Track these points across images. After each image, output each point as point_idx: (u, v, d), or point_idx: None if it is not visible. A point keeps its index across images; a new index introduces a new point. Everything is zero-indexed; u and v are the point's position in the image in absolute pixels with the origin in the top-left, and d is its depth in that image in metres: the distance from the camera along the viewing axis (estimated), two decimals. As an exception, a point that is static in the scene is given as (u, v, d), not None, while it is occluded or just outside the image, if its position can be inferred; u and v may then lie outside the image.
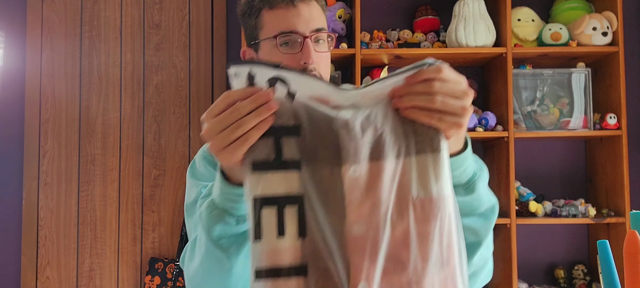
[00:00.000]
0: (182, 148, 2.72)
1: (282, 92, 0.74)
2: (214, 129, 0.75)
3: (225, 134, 0.74)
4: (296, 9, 1.05)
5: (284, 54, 1.05)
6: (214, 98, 2.72)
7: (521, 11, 2.55)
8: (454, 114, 0.74)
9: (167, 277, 2.54)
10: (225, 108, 0.75)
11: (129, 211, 2.69)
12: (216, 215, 0.88)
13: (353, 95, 0.75)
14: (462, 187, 0.89)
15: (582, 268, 2.58)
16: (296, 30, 1.04)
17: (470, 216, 0.92)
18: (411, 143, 0.75)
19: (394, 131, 0.75)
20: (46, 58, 2.73)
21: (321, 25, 1.07)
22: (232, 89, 0.75)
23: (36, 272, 2.66)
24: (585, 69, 2.54)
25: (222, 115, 0.75)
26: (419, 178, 0.74)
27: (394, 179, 0.74)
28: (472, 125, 2.43)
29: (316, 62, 1.05)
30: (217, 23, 2.75)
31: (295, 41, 1.05)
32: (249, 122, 0.73)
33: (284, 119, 0.75)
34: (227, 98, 0.75)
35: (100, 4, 2.76)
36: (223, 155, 0.76)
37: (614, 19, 2.43)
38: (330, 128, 0.75)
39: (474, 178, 0.90)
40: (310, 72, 0.79)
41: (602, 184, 2.58)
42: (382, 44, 2.52)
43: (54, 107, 2.71)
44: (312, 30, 1.05)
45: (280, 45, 1.05)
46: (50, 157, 2.70)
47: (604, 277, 0.75)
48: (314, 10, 1.07)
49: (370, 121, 0.75)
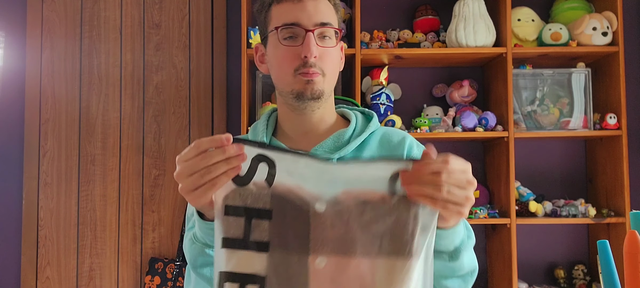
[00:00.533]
0: (182, 148, 2.71)
1: (261, 176, 0.78)
2: (184, 172, 0.80)
3: (194, 178, 0.79)
4: (301, 3, 1.04)
5: (285, 46, 1.04)
6: (214, 98, 2.72)
7: (521, 11, 2.55)
8: (457, 204, 0.79)
9: (167, 277, 2.54)
10: (195, 155, 0.80)
11: (129, 211, 2.69)
12: (197, 248, 0.96)
13: (334, 190, 0.78)
14: (448, 254, 0.93)
15: (582, 268, 2.58)
16: (299, 22, 1.03)
17: (450, 278, 0.96)
18: (384, 244, 0.77)
19: (367, 230, 0.77)
20: (46, 58, 2.73)
21: (327, 20, 1.05)
22: None
23: (36, 271, 2.66)
24: (585, 69, 2.54)
25: (192, 161, 0.79)
26: (385, 281, 0.76)
27: (360, 277, 0.76)
28: (472, 126, 2.43)
29: (319, 57, 1.04)
30: (217, 23, 2.75)
31: (297, 34, 1.04)
32: (217, 169, 0.78)
33: (259, 202, 0.79)
34: (198, 145, 0.80)
35: (100, 4, 2.76)
36: (191, 198, 0.81)
37: (614, 19, 2.43)
38: (303, 217, 0.78)
39: (461, 246, 0.94)
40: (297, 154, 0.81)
41: (602, 184, 2.59)
42: (382, 44, 2.52)
43: (54, 107, 2.71)
44: (317, 24, 1.04)
45: (283, 38, 1.04)
46: (50, 157, 2.70)
47: (604, 277, 0.75)
48: (322, 5, 1.06)
49: (344, 218, 0.77)
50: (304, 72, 1.03)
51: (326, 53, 1.05)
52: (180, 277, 2.53)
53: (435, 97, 2.73)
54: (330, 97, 1.11)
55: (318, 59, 1.04)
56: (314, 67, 1.03)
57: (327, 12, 1.06)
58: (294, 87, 1.05)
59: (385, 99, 2.51)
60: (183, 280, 2.53)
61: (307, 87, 1.04)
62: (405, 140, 1.11)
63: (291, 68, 1.04)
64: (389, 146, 1.10)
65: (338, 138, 1.09)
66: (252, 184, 0.79)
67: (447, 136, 2.44)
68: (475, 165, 2.69)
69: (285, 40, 1.04)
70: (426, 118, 2.52)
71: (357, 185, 0.78)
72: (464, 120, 2.44)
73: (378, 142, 1.11)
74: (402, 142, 1.10)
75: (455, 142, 2.68)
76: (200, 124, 2.72)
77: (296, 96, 1.06)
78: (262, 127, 1.14)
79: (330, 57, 1.06)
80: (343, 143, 1.08)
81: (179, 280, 2.53)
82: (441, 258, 0.92)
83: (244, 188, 0.79)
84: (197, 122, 2.72)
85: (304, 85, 1.04)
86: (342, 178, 0.78)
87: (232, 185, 0.80)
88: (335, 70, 1.09)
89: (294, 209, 0.78)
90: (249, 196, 0.79)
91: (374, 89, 2.55)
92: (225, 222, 0.79)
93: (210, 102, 2.72)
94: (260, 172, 0.79)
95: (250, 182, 0.79)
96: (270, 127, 1.14)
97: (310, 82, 1.04)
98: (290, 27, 1.04)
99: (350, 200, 0.78)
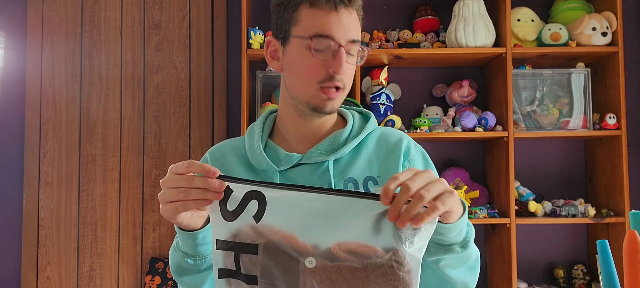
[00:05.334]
0: (182, 148, 2.72)
1: (251, 212, 0.81)
2: (167, 183, 0.86)
3: (173, 192, 0.85)
4: (338, 15, 1.00)
5: (316, 57, 1.00)
6: (214, 98, 2.72)
7: (521, 11, 2.55)
8: (443, 195, 0.78)
9: (168, 277, 2.55)
10: (184, 172, 0.85)
11: (129, 211, 2.69)
12: (179, 256, 1.00)
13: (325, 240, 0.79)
14: (459, 244, 0.93)
15: (582, 268, 2.59)
16: (333, 36, 1.00)
17: (461, 268, 0.96)
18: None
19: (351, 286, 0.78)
20: (47, 58, 2.74)
21: (357, 37, 1.03)
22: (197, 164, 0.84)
23: (36, 271, 2.66)
24: (584, 69, 2.55)
25: (178, 177, 0.85)
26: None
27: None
28: (472, 126, 2.43)
29: (344, 73, 1.01)
30: (217, 23, 2.75)
31: (329, 47, 1.00)
32: (192, 194, 0.83)
33: (247, 239, 0.82)
34: (189, 164, 0.85)
35: (101, 4, 2.76)
36: (163, 209, 0.87)
37: (614, 19, 2.43)
38: (293, 269, 0.79)
39: (468, 235, 0.94)
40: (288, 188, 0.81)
41: (601, 184, 2.59)
42: (382, 44, 2.52)
43: (55, 107, 2.72)
44: (349, 41, 1.01)
45: (315, 49, 1.00)
46: (50, 157, 2.70)
47: (603, 276, 0.76)
48: (353, 20, 1.03)
49: (333, 277, 0.78)
50: (326, 88, 1.01)
51: (349, 69, 1.03)
52: (181, 277, 2.53)
53: (435, 97, 2.73)
54: None
55: (343, 74, 1.02)
56: (339, 82, 1.01)
57: (357, 28, 1.04)
58: (313, 101, 1.03)
59: (385, 99, 2.51)
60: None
61: (327, 104, 1.02)
62: (403, 140, 1.10)
63: (315, 80, 1.01)
64: (386, 147, 1.09)
65: (334, 139, 1.08)
66: (240, 219, 0.82)
67: (447, 136, 2.44)
68: (475, 165, 2.69)
69: (316, 52, 1.00)
70: (426, 118, 2.53)
71: (349, 230, 0.78)
72: (464, 120, 2.44)
73: (375, 142, 1.10)
74: (399, 143, 1.09)
75: (455, 142, 2.68)
76: (201, 124, 2.72)
77: (313, 108, 1.04)
78: (258, 130, 1.12)
79: (350, 72, 1.04)
80: (339, 144, 1.07)
81: (179, 280, 2.53)
82: (453, 251, 0.91)
83: (233, 223, 0.82)
84: (198, 122, 2.72)
85: (324, 101, 1.02)
86: (333, 217, 0.78)
87: (222, 220, 0.83)
88: (350, 86, 1.08)
89: (284, 259, 0.80)
90: (239, 233, 0.82)
91: (374, 89, 2.55)
92: (217, 255, 0.84)
93: (210, 102, 2.73)
94: (250, 208, 0.81)
95: (239, 217, 0.82)
96: (266, 130, 1.13)
97: (330, 100, 1.02)
98: (325, 38, 1.00)
99: (343, 254, 0.78)
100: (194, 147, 2.72)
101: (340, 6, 1.00)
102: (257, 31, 2.42)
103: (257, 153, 1.08)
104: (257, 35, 2.41)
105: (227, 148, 1.15)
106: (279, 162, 1.07)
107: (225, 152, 1.14)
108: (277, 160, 1.08)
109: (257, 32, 2.41)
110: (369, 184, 1.05)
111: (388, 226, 0.77)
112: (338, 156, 1.06)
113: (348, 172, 1.06)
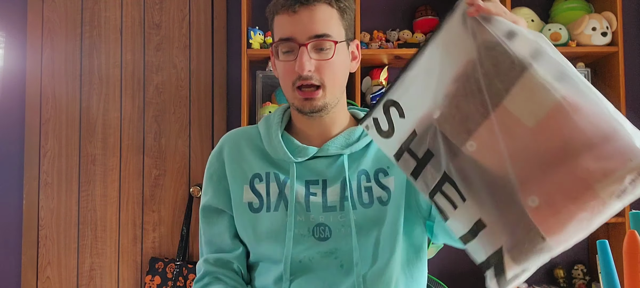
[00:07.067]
0: (182, 148, 2.72)
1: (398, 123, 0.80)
2: None
3: None
4: (297, 15, 1.02)
5: (283, 61, 1.05)
6: (214, 98, 2.72)
7: (521, 11, 2.55)
8: None
9: (168, 277, 2.55)
10: None
11: (129, 211, 2.69)
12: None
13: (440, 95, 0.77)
14: None
15: (582, 268, 2.59)
16: (292, 37, 1.02)
17: None
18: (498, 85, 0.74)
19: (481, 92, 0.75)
20: (46, 58, 2.74)
21: (324, 31, 1.02)
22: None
23: (36, 271, 2.66)
24: (584, 69, 2.55)
25: None
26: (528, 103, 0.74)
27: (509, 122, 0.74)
28: (472, 125, 2.43)
29: (316, 69, 1.02)
30: (217, 23, 2.75)
31: (293, 48, 1.03)
32: None
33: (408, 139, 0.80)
34: None
35: (101, 4, 2.76)
36: None
37: (614, 19, 2.43)
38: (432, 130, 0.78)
39: None
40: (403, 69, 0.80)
41: (601, 184, 2.58)
42: (382, 44, 2.52)
43: (55, 107, 2.72)
44: (311, 37, 1.01)
45: (282, 53, 1.04)
46: (50, 157, 2.70)
47: (603, 276, 0.76)
48: (319, 14, 1.02)
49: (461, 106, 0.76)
50: (301, 88, 1.04)
51: (324, 65, 1.03)
52: (181, 277, 2.53)
53: (435, 97, 2.73)
54: (339, 102, 1.12)
55: (316, 72, 1.03)
56: (311, 79, 1.03)
57: (325, 21, 1.03)
58: (295, 102, 1.07)
59: (385, 99, 2.51)
60: (183, 280, 2.53)
61: (306, 103, 1.05)
62: None
63: (289, 82, 1.05)
64: None
65: (349, 135, 1.13)
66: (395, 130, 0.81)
67: (447, 136, 2.44)
68: (475, 165, 2.69)
69: (283, 55, 1.04)
70: (426, 118, 2.52)
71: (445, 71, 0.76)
72: (464, 120, 2.44)
73: None
74: None
75: (455, 142, 2.68)
76: (201, 124, 2.72)
77: (298, 110, 1.09)
78: (276, 120, 1.15)
79: (329, 68, 1.04)
80: (354, 140, 1.12)
81: (179, 280, 2.53)
82: None
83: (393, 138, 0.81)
84: (198, 122, 2.72)
85: (302, 102, 1.06)
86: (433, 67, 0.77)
87: (384, 140, 0.82)
88: (339, 79, 1.07)
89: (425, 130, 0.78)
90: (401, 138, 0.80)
91: (374, 89, 2.55)
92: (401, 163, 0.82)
93: (210, 102, 2.73)
94: (393, 114, 0.80)
95: (394, 130, 0.81)
96: (283, 122, 1.16)
97: (308, 100, 1.05)
98: (285, 41, 1.03)
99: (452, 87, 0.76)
100: (194, 147, 2.72)
101: (297, 7, 1.02)
102: (257, 31, 2.41)
103: (275, 142, 1.12)
104: (257, 35, 2.41)
105: (241, 136, 1.18)
106: (296, 153, 1.11)
107: (238, 140, 1.17)
108: (293, 151, 1.11)
109: (257, 32, 2.41)
110: (379, 176, 1.10)
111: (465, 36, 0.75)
112: (353, 150, 1.11)
113: (361, 164, 1.11)
